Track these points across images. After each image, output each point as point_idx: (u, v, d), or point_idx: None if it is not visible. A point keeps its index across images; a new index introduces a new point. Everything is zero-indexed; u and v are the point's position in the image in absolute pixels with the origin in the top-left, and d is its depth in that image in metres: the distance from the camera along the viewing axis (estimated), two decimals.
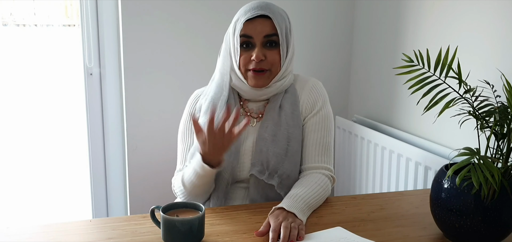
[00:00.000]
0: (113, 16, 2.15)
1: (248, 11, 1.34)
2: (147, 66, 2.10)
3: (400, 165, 1.89)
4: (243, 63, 1.35)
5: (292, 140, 1.36)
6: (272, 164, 1.33)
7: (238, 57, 1.35)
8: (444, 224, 1.09)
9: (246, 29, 1.33)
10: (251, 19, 1.33)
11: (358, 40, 2.34)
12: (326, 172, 1.37)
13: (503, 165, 1.04)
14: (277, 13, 1.35)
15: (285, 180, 1.34)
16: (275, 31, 1.33)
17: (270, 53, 1.34)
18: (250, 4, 1.36)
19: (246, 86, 1.38)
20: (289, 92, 1.41)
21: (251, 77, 1.36)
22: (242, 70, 1.36)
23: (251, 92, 1.39)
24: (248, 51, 1.35)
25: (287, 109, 1.38)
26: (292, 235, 1.09)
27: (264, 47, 1.34)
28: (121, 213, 2.36)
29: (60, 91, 2.32)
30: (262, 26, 1.33)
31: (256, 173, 1.33)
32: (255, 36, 1.33)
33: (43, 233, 1.14)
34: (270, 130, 1.35)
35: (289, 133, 1.36)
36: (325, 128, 1.41)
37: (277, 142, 1.34)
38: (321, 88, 1.46)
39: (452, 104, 1.03)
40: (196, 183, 1.29)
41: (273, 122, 1.36)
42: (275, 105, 1.38)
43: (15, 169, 2.39)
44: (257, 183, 1.35)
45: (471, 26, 1.62)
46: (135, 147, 2.15)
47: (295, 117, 1.38)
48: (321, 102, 1.42)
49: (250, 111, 1.42)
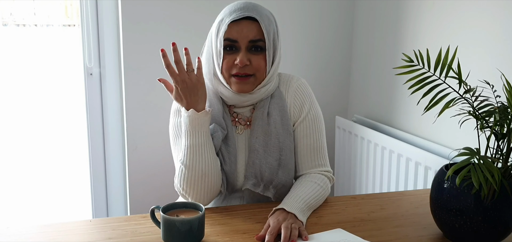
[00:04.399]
0: (113, 16, 2.15)
1: (233, 12, 1.25)
2: (147, 66, 2.10)
3: (400, 165, 1.89)
4: (226, 67, 1.27)
5: (284, 149, 1.32)
6: (266, 175, 1.30)
7: (221, 61, 1.26)
8: (444, 224, 1.09)
9: (230, 32, 1.24)
10: (237, 21, 1.24)
11: (358, 40, 2.34)
12: (324, 172, 1.37)
13: (503, 165, 1.04)
14: (265, 15, 1.26)
15: (280, 189, 1.32)
16: (261, 36, 1.25)
17: (255, 58, 1.26)
18: (236, 3, 1.28)
19: (229, 92, 1.30)
20: (275, 97, 1.35)
21: (235, 82, 1.27)
22: (225, 75, 1.28)
23: (235, 98, 1.31)
24: (231, 55, 1.26)
25: (276, 117, 1.32)
26: (293, 235, 1.09)
27: (249, 52, 1.26)
28: (121, 213, 2.36)
29: (60, 91, 2.32)
30: (248, 30, 1.24)
31: (251, 186, 1.29)
32: (240, 39, 1.24)
33: (43, 233, 1.14)
34: (260, 140, 1.30)
35: (280, 142, 1.31)
36: (316, 130, 1.37)
37: (269, 153, 1.30)
38: (305, 87, 1.39)
39: (452, 104, 1.03)
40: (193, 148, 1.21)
41: (263, 131, 1.31)
42: (262, 112, 1.32)
43: (15, 169, 2.39)
44: (252, 194, 1.34)
45: (471, 26, 1.62)
46: (135, 146, 2.15)
47: (284, 125, 1.33)
48: (308, 104, 1.37)
49: (238, 117, 1.36)
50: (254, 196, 1.34)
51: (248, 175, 1.30)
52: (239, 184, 1.33)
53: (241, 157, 1.33)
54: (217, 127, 1.29)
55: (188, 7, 2.10)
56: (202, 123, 1.21)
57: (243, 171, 1.32)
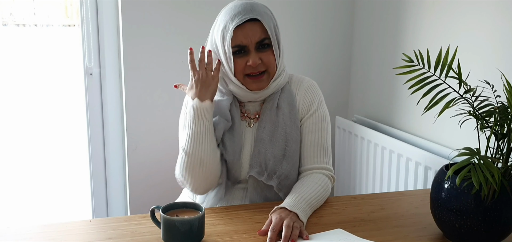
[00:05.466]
0: (113, 16, 2.15)
1: (235, 16, 1.29)
2: (147, 66, 2.10)
3: (400, 165, 1.89)
4: (239, 70, 1.33)
5: (290, 141, 1.35)
6: (270, 165, 1.33)
7: (232, 65, 1.32)
8: (444, 224, 1.09)
9: (237, 38, 1.29)
10: (240, 25, 1.29)
11: (358, 40, 2.34)
12: (326, 172, 1.37)
13: (503, 165, 1.04)
14: (264, 13, 1.32)
15: (284, 180, 1.34)
16: (266, 34, 1.31)
17: (265, 55, 1.32)
18: (233, 8, 1.32)
19: (243, 90, 1.36)
20: (285, 92, 1.40)
21: (251, 82, 1.34)
22: (239, 77, 1.34)
23: (249, 95, 1.37)
24: (242, 58, 1.32)
25: (285, 109, 1.37)
26: (293, 234, 1.09)
27: (258, 51, 1.32)
28: (121, 213, 2.36)
29: (60, 91, 2.33)
30: (253, 32, 1.30)
31: (255, 174, 1.33)
32: (248, 43, 1.30)
33: (43, 233, 1.14)
34: (267, 130, 1.35)
35: (287, 133, 1.35)
36: (322, 128, 1.41)
37: (275, 143, 1.34)
38: (316, 88, 1.45)
39: (452, 104, 1.03)
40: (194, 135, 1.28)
41: (271, 122, 1.36)
42: (272, 104, 1.38)
43: (15, 169, 2.39)
44: (256, 184, 1.35)
45: (471, 26, 1.62)
46: (135, 146, 2.15)
47: (292, 117, 1.37)
48: (317, 103, 1.42)
49: (247, 112, 1.41)
50: (258, 186, 1.35)
51: (253, 164, 1.34)
52: (244, 174, 1.36)
53: (248, 147, 1.38)
54: (221, 118, 1.34)
55: (188, 7, 2.10)
56: (205, 112, 1.28)
57: (249, 161, 1.36)
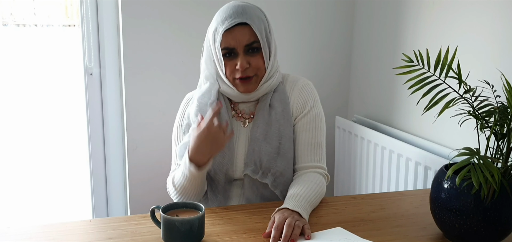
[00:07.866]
0: (113, 16, 2.15)
1: (225, 20, 1.30)
2: (147, 66, 2.10)
3: (400, 165, 1.89)
4: (228, 72, 1.35)
5: (283, 138, 1.36)
6: (264, 162, 1.34)
7: (223, 67, 1.34)
8: (444, 224, 1.09)
9: (226, 41, 1.31)
10: (230, 29, 1.30)
11: (358, 40, 2.34)
12: (320, 170, 1.39)
13: (503, 165, 1.04)
14: (255, 16, 1.32)
15: (278, 177, 1.35)
16: (255, 37, 1.31)
17: (254, 59, 1.33)
18: (226, 9, 1.33)
19: (234, 91, 1.38)
20: (278, 91, 1.41)
21: (239, 85, 1.35)
22: (229, 79, 1.36)
23: (241, 96, 1.39)
24: (232, 60, 1.33)
25: (277, 108, 1.38)
26: (294, 234, 1.09)
27: (247, 54, 1.32)
28: (121, 213, 2.36)
29: (60, 91, 2.32)
30: (241, 35, 1.30)
31: (250, 173, 1.34)
32: (237, 46, 1.31)
33: (43, 233, 1.14)
34: (261, 129, 1.36)
35: (280, 131, 1.36)
36: (316, 127, 1.41)
37: (268, 141, 1.35)
38: (311, 88, 1.45)
39: (452, 104, 1.03)
40: (186, 185, 1.31)
41: (264, 121, 1.37)
42: (265, 104, 1.39)
43: (15, 169, 2.39)
44: (251, 182, 1.36)
45: (471, 26, 1.62)
46: (135, 147, 2.15)
47: (285, 115, 1.38)
48: (311, 103, 1.42)
49: (242, 112, 1.42)
50: (253, 184, 1.36)
51: (248, 162, 1.35)
52: (239, 173, 1.38)
53: (243, 147, 1.39)
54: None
55: (188, 7, 2.10)
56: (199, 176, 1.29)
57: (243, 159, 1.37)
